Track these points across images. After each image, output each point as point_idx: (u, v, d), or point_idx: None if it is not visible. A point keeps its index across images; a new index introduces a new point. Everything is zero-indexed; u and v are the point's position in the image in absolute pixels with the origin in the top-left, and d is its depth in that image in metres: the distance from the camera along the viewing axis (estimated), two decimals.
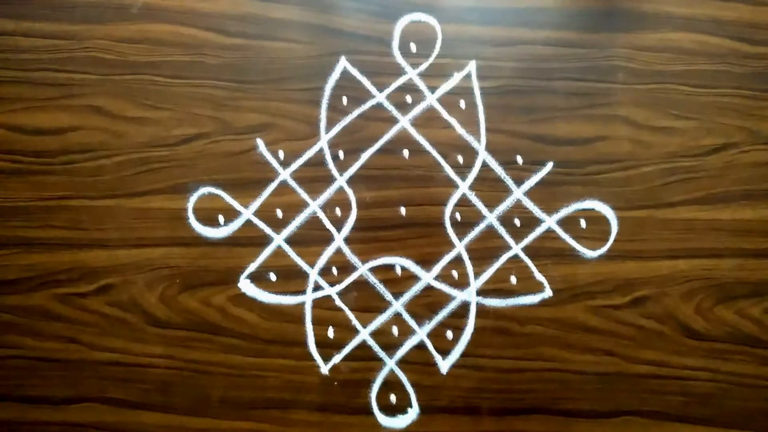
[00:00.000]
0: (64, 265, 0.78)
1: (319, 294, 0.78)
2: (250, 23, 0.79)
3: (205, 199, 0.78)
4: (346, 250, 0.78)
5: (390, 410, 0.77)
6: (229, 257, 0.78)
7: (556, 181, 0.79)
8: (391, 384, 0.77)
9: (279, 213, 0.78)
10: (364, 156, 0.79)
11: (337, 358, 0.78)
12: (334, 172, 0.79)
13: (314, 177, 0.79)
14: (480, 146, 0.79)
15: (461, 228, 0.79)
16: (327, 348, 0.78)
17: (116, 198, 0.78)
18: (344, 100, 0.79)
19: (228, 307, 0.77)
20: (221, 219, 0.78)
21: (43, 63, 0.78)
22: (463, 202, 0.79)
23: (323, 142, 0.79)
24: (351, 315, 0.78)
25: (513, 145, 0.79)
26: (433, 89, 0.80)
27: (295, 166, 0.79)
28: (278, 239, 0.78)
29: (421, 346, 0.78)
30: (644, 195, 0.79)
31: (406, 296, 0.78)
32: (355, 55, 0.79)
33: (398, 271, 0.78)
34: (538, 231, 0.79)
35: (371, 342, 0.78)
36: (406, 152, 0.79)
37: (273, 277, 0.78)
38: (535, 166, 0.79)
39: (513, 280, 0.78)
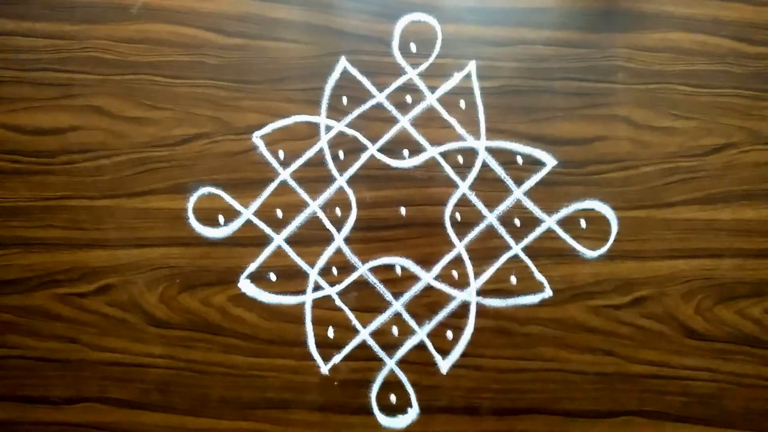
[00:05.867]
0: (64, 265, 0.78)
1: (319, 294, 0.78)
2: (250, 23, 0.79)
3: (205, 199, 0.78)
4: (346, 250, 0.78)
5: (390, 410, 0.77)
6: (229, 257, 0.78)
7: (556, 181, 0.79)
8: (391, 384, 0.77)
9: (279, 213, 0.78)
10: (364, 156, 0.79)
11: (337, 358, 0.77)
12: (334, 172, 0.79)
13: (314, 177, 0.79)
14: (480, 146, 0.79)
15: (461, 228, 0.79)
16: (327, 348, 0.78)
17: (116, 198, 0.78)
18: (344, 100, 0.79)
19: (228, 307, 0.77)
20: (221, 219, 0.78)
21: (43, 63, 0.78)
22: (463, 202, 0.79)
23: (323, 142, 0.79)
24: (351, 315, 0.78)
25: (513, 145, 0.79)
26: (433, 89, 0.80)
27: (295, 166, 0.79)
28: (278, 239, 0.78)
29: (421, 346, 0.78)
30: (644, 195, 0.79)
31: (406, 296, 0.78)
32: (355, 55, 0.79)
33: (398, 271, 0.78)
34: (538, 231, 0.79)
35: (371, 342, 0.78)
36: (406, 152, 0.79)
37: (273, 277, 0.78)
38: (535, 166, 0.79)
39: (513, 280, 0.78)
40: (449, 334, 0.78)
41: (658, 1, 0.80)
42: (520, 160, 0.79)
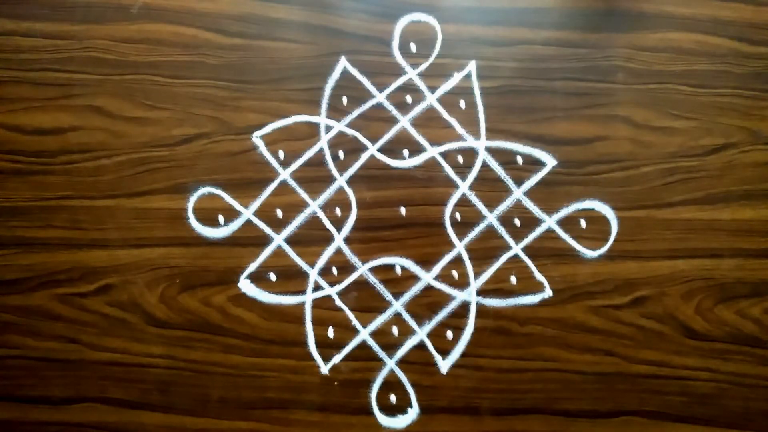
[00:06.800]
0: (64, 265, 0.78)
1: (319, 294, 0.78)
2: (250, 23, 0.79)
3: (205, 199, 0.78)
4: (346, 250, 0.78)
5: (390, 410, 0.77)
6: (229, 257, 0.78)
7: (556, 181, 0.79)
8: (391, 384, 0.77)
9: (279, 213, 0.78)
10: (364, 156, 0.79)
11: (337, 358, 0.77)
12: (334, 172, 0.79)
13: (314, 177, 0.79)
14: (480, 146, 0.79)
15: (461, 228, 0.79)
16: (327, 348, 0.78)
17: (116, 198, 0.78)
18: (344, 100, 0.79)
19: (228, 307, 0.78)
20: (221, 219, 0.78)
21: (43, 63, 0.78)
22: (463, 202, 0.79)
23: (323, 142, 0.79)
24: (351, 315, 0.78)
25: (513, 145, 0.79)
26: (433, 89, 0.80)
27: (295, 166, 0.79)
28: (278, 239, 0.78)
29: (421, 346, 0.78)
30: (644, 195, 0.79)
31: (406, 296, 0.78)
32: (355, 55, 0.79)
33: (398, 271, 0.78)
34: (538, 231, 0.79)
35: (371, 342, 0.78)
36: (406, 152, 0.79)
37: (273, 277, 0.78)
38: (535, 166, 0.79)
39: (513, 280, 0.78)
40: (449, 334, 0.78)
41: (658, 1, 0.80)
42: (520, 160, 0.79)
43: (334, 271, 0.78)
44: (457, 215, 0.79)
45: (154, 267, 0.78)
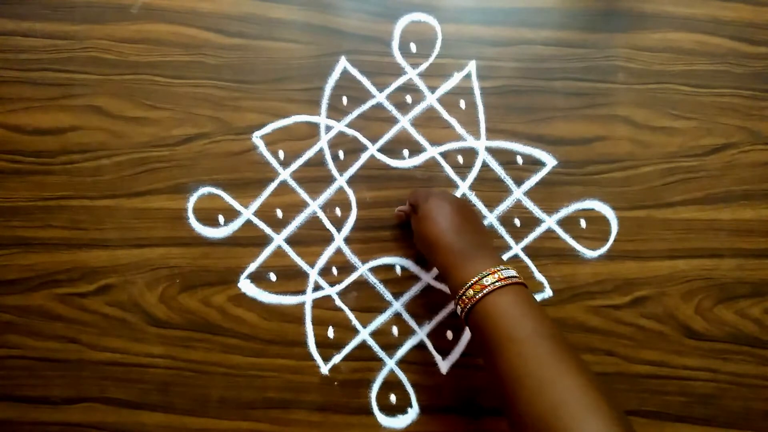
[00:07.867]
0: (64, 265, 0.78)
1: (319, 294, 0.78)
2: (250, 23, 0.79)
3: (205, 199, 0.78)
4: (346, 250, 0.78)
5: (390, 410, 0.77)
6: (229, 257, 0.78)
7: (556, 181, 0.79)
8: (391, 384, 0.77)
9: (279, 213, 0.78)
10: (364, 156, 0.79)
11: (337, 358, 0.77)
12: (334, 172, 0.79)
13: (314, 177, 0.79)
14: (480, 146, 0.79)
15: None
16: (327, 348, 0.78)
17: (116, 198, 0.78)
18: (344, 100, 0.79)
19: (228, 307, 0.77)
20: (221, 219, 0.78)
21: (43, 63, 0.78)
22: None
23: (323, 142, 0.79)
24: (351, 315, 0.78)
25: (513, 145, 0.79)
26: (433, 89, 0.80)
27: (295, 166, 0.79)
28: (278, 239, 0.78)
29: (421, 346, 0.78)
30: (644, 195, 0.79)
31: (406, 296, 0.78)
32: (355, 55, 0.79)
33: (398, 271, 0.78)
34: (538, 231, 0.79)
35: (371, 342, 0.78)
36: (406, 152, 0.79)
37: (273, 277, 0.78)
38: (535, 166, 0.79)
39: None
40: (449, 334, 0.78)
41: (658, 1, 0.80)
42: (520, 160, 0.79)
43: (334, 271, 0.78)
44: None
45: (154, 267, 0.78)
